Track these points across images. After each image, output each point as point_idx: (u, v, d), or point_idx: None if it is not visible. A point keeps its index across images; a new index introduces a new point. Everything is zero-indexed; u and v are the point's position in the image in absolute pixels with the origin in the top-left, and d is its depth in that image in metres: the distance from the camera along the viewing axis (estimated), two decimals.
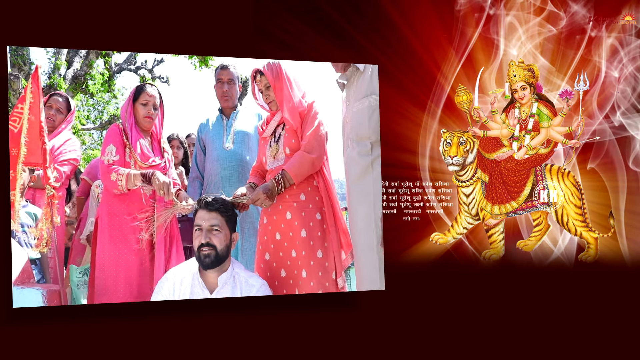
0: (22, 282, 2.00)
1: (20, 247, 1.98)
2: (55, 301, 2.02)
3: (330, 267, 2.17)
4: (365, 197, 2.25)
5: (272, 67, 2.32)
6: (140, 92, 2.28)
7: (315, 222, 2.20)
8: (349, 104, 2.46)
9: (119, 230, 2.11)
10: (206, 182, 2.38)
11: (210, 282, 2.05)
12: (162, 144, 2.30)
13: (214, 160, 2.37)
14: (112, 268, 2.10)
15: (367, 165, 2.30)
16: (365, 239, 2.22)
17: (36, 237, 2.00)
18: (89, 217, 2.22)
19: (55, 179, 2.06)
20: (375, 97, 2.35)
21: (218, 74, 2.53)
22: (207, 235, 2.00)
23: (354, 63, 2.68)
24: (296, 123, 2.24)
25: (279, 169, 2.22)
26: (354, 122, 2.38)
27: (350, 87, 2.47)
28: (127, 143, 2.19)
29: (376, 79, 2.40)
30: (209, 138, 2.42)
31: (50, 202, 2.01)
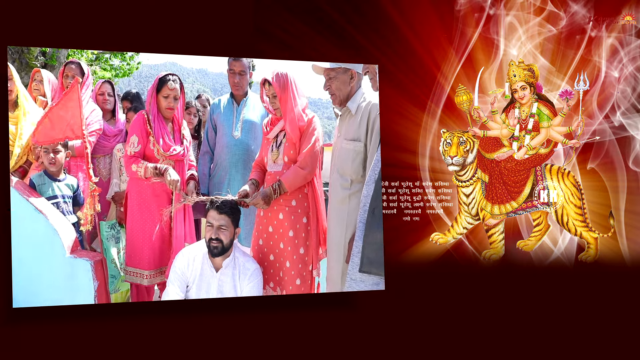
0: (73, 251, 2.35)
1: (64, 216, 2.39)
2: (99, 268, 2.38)
3: (309, 261, 2.58)
4: (340, 221, 2.57)
5: (280, 79, 2.51)
6: (162, 85, 2.48)
7: (302, 225, 2.58)
8: (339, 136, 2.63)
9: (146, 206, 2.50)
10: (215, 161, 2.67)
11: (216, 263, 2.48)
12: (182, 130, 2.56)
13: (223, 146, 2.65)
14: (139, 237, 2.51)
15: (345, 197, 2.56)
16: (337, 255, 2.59)
17: (81, 218, 2.42)
18: (113, 179, 2.58)
19: (90, 144, 2.42)
20: (361, 143, 2.55)
21: (230, 64, 2.65)
22: (217, 232, 2.44)
23: (354, 63, 2.68)
24: (295, 137, 2.52)
25: (277, 174, 2.55)
26: (340, 157, 2.60)
27: (342, 122, 2.63)
28: (150, 132, 2.47)
29: (364, 125, 2.57)
30: (220, 121, 2.67)
31: (93, 195, 2.41)
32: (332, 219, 2.58)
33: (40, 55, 2.55)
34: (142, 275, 2.50)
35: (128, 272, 2.50)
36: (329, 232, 2.60)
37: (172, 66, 2.60)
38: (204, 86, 2.90)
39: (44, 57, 2.58)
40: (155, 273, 2.52)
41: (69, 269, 2.33)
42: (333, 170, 2.62)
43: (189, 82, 2.71)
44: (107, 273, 2.46)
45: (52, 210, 2.36)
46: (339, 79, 2.57)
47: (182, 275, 2.45)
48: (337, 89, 2.57)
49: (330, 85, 2.57)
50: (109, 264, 2.51)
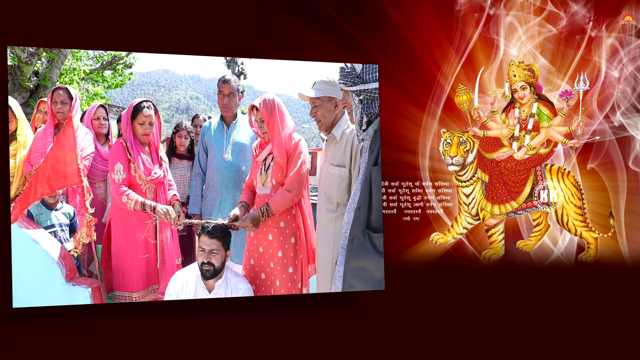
0: (71, 279, 2.40)
1: (62, 243, 2.45)
2: (97, 294, 2.43)
3: (297, 279, 2.66)
4: (327, 242, 2.62)
5: (267, 105, 2.59)
6: (137, 112, 2.53)
7: (290, 245, 2.66)
8: (325, 160, 2.71)
9: (131, 232, 2.55)
10: (207, 182, 2.75)
11: (209, 285, 2.56)
12: (159, 152, 2.62)
13: (214, 168, 2.73)
14: (127, 262, 2.55)
15: (331, 219, 2.62)
16: (325, 274, 2.64)
17: (74, 244, 2.45)
18: (108, 202, 2.61)
19: (84, 173, 2.45)
20: (345, 169, 2.61)
21: (220, 86, 2.72)
22: (208, 256, 2.51)
23: (354, 63, 2.68)
24: (282, 161, 2.62)
25: (266, 197, 2.65)
26: (327, 181, 2.66)
27: (328, 147, 2.70)
28: (130, 159, 2.53)
29: (348, 152, 2.62)
30: (210, 144, 2.75)
31: (89, 225, 2.44)
32: (320, 239, 2.65)
33: (33, 75, 2.57)
34: (132, 298, 2.54)
35: (117, 296, 2.53)
36: (317, 251, 2.67)
37: (165, 73, 2.63)
38: (197, 92, 2.92)
39: (36, 78, 2.59)
40: (145, 293, 2.56)
41: (67, 295, 2.38)
42: (320, 193, 2.71)
43: (181, 88, 2.74)
44: (104, 298, 2.49)
45: (50, 240, 2.42)
46: (324, 107, 2.62)
47: (177, 297, 2.52)
48: (323, 116, 2.63)
49: (315, 113, 2.64)
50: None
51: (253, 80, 2.84)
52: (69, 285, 2.38)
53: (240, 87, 2.75)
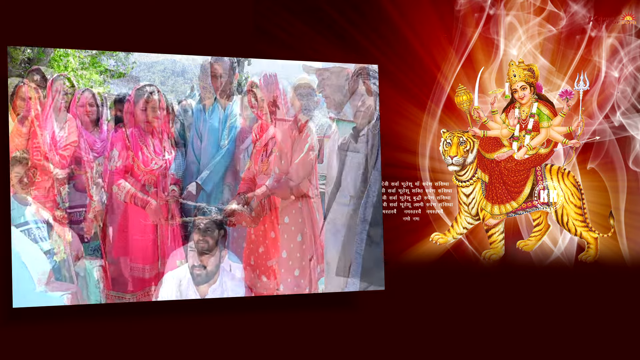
0: (46, 283, 2.21)
1: (36, 243, 2.23)
2: (73, 301, 2.27)
3: (305, 283, 2.42)
4: (337, 240, 2.44)
5: (268, 81, 2.40)
6: (139, 97, 2.38)
7: (296, 244, 2.41)
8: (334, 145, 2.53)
9: (132, 229, 2.38)
10: (202, 169, 2.50)
11: (201, 291, 2.34)
12: (163, 142, 2.43)
13: (210, 156, 2.48)
14: (124, 264, 2.39)
15: (345, 213, 2.41)
16: (333, 272, 2.46)
17: (54, 247, 2.26)
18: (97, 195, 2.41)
19: (61, 165, 2.27)
20: (361, 155, 2.42)
21: (212, 68, 2.51)
22: (200, 258, 2.28)
23: (354, 63, 2.68)
24: (286, 146, 2.38)
25: (268, 188, 2.40)
26: (337, 169, 2.47)
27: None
28: (129, 146, 2.35)
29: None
30: (206, 129, 2.49)
31: (62, 223, 2.26)
32: (330, 236, 2.42)
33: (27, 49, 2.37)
34: (125, 298, 2.39)
35: (110, 296, 2.36)
36: (326, 249, 2.45)
37: (171, 63, 2.51)
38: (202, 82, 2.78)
39: (30, 51, 2.37)
40: (141, 294, 2.41)
41: (43, 301, 2.23)
42: (329, 183, 2.48)
43: (186, 78, 2.63)
44: (81, 301, 2.31)
45: (22, 240, 2.20)
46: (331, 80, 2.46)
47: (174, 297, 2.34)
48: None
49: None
50: (93, 287, 2.35)
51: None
52: (42, 291, 2.21)
53: (234, 64, 2.52)
